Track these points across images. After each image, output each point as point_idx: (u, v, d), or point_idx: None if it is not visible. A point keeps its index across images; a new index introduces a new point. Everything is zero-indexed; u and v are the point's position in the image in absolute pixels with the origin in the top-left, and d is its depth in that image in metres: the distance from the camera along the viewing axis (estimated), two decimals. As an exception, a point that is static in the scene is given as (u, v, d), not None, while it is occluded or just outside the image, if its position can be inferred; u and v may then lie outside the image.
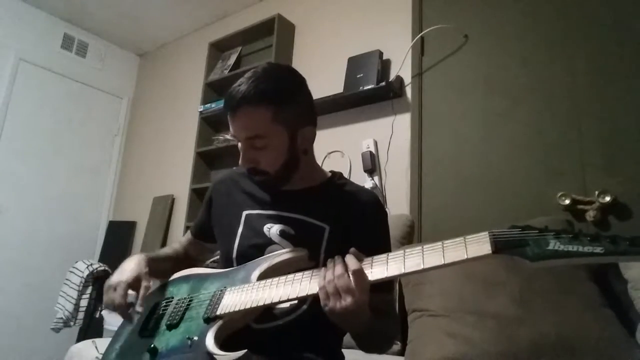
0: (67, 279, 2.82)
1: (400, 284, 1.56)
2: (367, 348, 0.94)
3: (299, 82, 0.98)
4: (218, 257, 1.15)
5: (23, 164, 3.32)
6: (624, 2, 1.67)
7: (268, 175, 0.96)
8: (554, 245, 0.58)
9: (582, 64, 1.72)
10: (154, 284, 1.03)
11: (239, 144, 0.96)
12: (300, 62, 2.73)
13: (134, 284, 0.95)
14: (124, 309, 0.92)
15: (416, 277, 1.48)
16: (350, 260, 0.75)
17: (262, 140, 0.92)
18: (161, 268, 1.10)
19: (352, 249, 0.78)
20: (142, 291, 0.94)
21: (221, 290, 0.88)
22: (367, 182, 2.14)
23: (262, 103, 0.90)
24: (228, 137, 2.87)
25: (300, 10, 2.85)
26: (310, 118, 0.99)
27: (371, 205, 1.01)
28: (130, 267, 0.98)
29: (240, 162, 0.96)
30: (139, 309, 0.93)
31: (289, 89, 0.95)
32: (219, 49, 3.22)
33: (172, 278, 1.04)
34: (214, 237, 1.13)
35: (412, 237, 1.81)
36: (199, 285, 0.95)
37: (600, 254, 0.55)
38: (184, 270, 1.05)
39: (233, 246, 1.00)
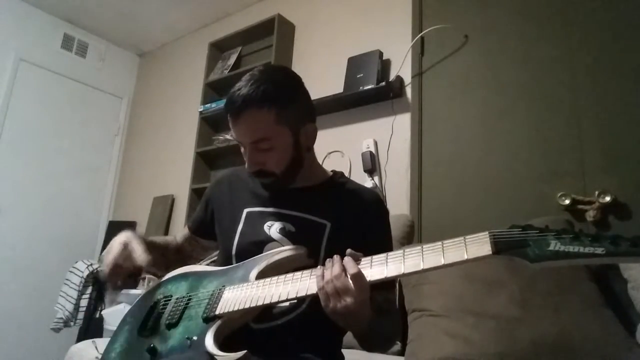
0: (67, 279, 2.82)
1: (401, 284, 1.55)
2: (370, 347, 0.93)
3: (297, 81, 0.99)
4: (216, 257, 1.15)
5: (23, 164, 3.32)
6: (624, 2, 1.67)
7: (275, 176, 0.96)
8: (554, 245, 0.57)
9: (582, 64, 1.72)
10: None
11: (242, 148, 0.97)
12: (300, 62, 2.73)
13: (126, 243, 0.96)
14: (118, 263, 0.94)
15: (416, 278, 1.48)
16: (348, 261, 0.75)
17: (268, 142, 0.92)
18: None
19: (349, 250, 0.78)
20: (136, 248, 0.95)
21: (220, 289, 0.88)
22: (367, 182, 2.13)
23: (265, 105, 0.90)
24: (228, 137, 2.86)
25: (300, 10, 2.85)
26: (311, 115, 1.00)
27: (373, 204, 1.02)
28: (120, 237, 0.99)
29: (246, 166, 0.96)
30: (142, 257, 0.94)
31: (289, 88, 0.96)
32: (219, 49, 3.22)
33: (170, 276, 1.04)
34: (211, 235, 1.13)
35: (412, 237, 1.81)
36: (197, 283, 0.95)
37: (602, 255, 0.54)
38: (181, 268, 1.05)
39: (232, 243, 1.00)
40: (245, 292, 0.83)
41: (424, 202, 2.01)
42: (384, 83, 2.14)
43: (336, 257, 0.77)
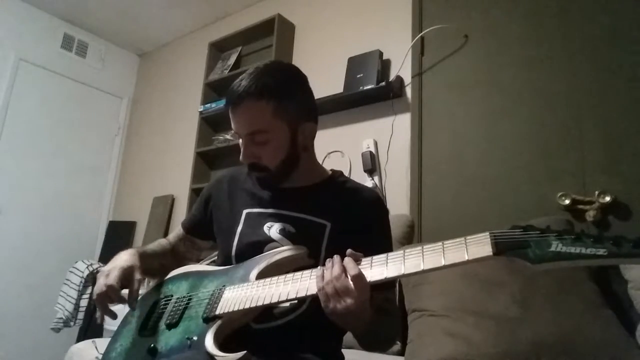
0: (67, 279, 2.82)
1: (401, 284, 1.55)
2: (369, 347, 0.93)
3: (300, 79, 0.99)
4: (215, 257, 1.14)
5: (23, 164, 3.32)
6: (623, 2, 1.67)
7: (268, 171, 0.96)
8: (556, 246, 0.57)
9: (582, 64, 1.72)
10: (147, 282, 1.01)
11: (240, 141, 0.97)
12: (300, 62, 2.72)
13: (128, 273, 0.92)
14: (114, 293, 0.89)
15: (416, 278, 1.48)
16: (348, 262, 0.75)
17: (263, 135, 0.93)
18: (151, 266, 1.08)
19: (349, 250, 0.78)
20: (135, 284, 0.91)
21: (220, 289, 0.88)
22: (367, 182, 2.13)
23: (263, 97, 0.91)
24: (228, 137, 2.86)
25: (300, 10, 2.85)
26: (311, 115, 1.00)
27: (372, 203, 1.01)
28: (124, 258, 0.96)
29: (241, 157, 0.97)
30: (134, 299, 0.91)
31: (289, 84, 0.96)
32: (219, 49, 3.22)
33: (170, 275, 1.04)
34: (207, 235, 1.12)
35: (412, 237, 1.81)
36: (198, 283, 0.95)
37: (604, 256, 0.53)
38: (182, 268, 1.05)
39: (232, 244, 0.99)
40: (245, 292, 0.83)
41: (424, 202, 2.01)
42: (384, 83, 2.14)
43: (336, 258, 0.77)
